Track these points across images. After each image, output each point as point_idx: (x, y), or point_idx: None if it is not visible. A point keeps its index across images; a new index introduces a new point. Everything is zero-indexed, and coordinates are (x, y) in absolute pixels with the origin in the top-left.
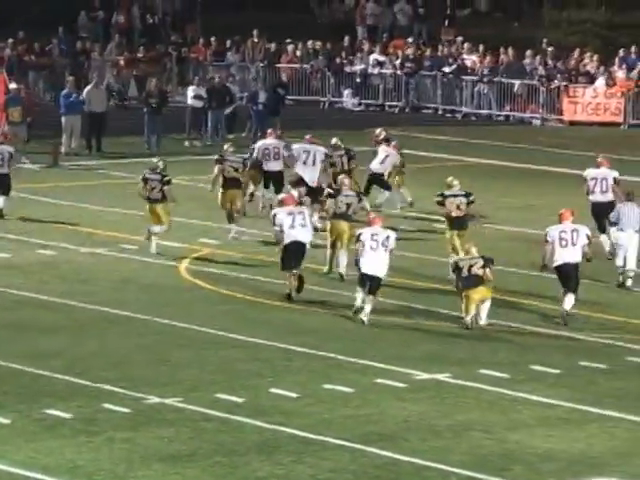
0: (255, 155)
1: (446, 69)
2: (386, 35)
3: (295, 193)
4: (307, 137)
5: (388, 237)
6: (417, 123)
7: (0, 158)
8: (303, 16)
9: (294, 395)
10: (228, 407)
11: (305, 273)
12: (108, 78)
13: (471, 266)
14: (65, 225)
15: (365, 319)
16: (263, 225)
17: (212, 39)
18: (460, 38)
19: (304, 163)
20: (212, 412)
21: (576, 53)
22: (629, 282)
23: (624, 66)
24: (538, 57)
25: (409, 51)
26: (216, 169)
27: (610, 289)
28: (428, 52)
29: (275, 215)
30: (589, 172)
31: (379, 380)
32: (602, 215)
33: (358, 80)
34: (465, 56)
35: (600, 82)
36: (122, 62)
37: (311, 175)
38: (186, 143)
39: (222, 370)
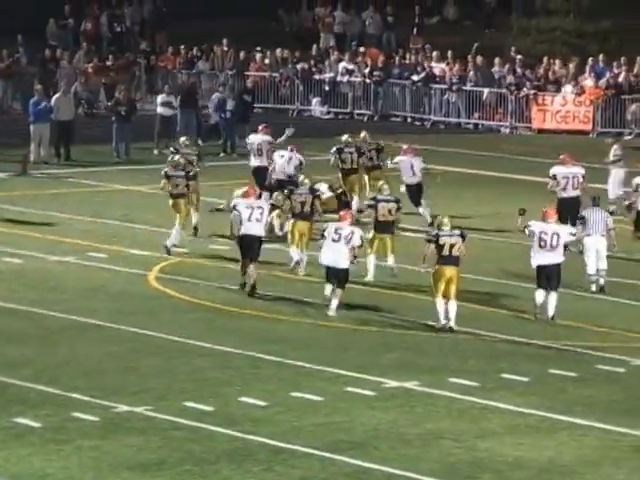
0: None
1: (415, 77)
2: (355, 43)
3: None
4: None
5: (352, 232)
6: (386, 131)
7: None
8: (272, 24)
9: (263, 403)
10: (197, 415)
11: (274, 280)
12: (76, 86)
13: (452, 245)
14: (34, 233)
15: (331, 314)
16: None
17: (181, 47)
18: (428, 46)
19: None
20: (181, 420)
21: (545, 61)
22: (601, 281)
23: (593, 74)
24: (507, 65)
25: (381, 59)
26: (162, 184)
27: (580, 297)
28: (397, 60)
29: (235, 205)
30: (559, 170)
31: (348, 388)
32: (571, 211)
33: (327, 88)
34: (434, 64)
35: (567, 89)
36: (90, 70)
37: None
38: (155, 151)
39: (191, 378)
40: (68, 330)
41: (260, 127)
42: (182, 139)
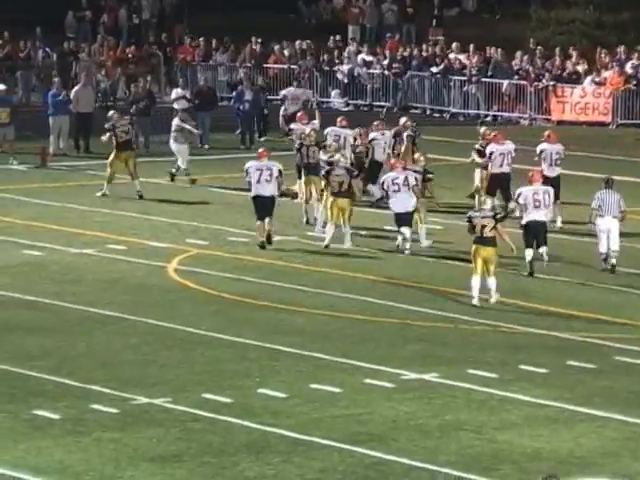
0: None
1: (434, 69)
2: (386, 36)
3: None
4: (339, 119)
5: (407, 177)
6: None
7: None
8: (290, 16)
9: (282, 395)
10: (216, 407)
11: (294, 271)
12: (97, 78)
13: (484, 227)
14: (53, 225)
15: (407, 252)
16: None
17: (200, 39)
18: (446, 38)
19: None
20: (200, 412)
21: (564, 53)
22: (613, 261)
23: (612, 65)
24: (526, 57)
25: (406, 51)
26: (107, 136)
27: (598, 289)
28: (416, 52)
29: (248, 168)
30: (495, 148)
31: (367, 380)
32: (502, 185)
33: (346, 80)
34: (452, 56)
35: (587, 81)
36: (109, 62)
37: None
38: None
39: (210, 370)
40: (87, 322)
41: (299, 115)
42: (110, 113)
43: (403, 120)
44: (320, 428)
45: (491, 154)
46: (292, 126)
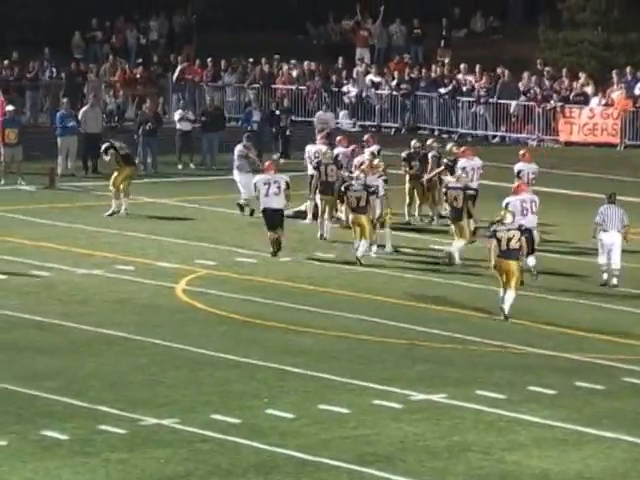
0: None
1: (442, 90)
2: (399, 57)
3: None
4: (338, 139)
5: (378, 186)
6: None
7: None
8: (299, 37)
9: (290, 416)
10: (224, 428)
11: (300, 292)
12: (105, 99)
13: (509, 239)
14: (61, 246)
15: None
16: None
17: (208, 60)
18: (454, 59)
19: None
20: (208, 433)
21: (572, 74)
22: (614, 280)
23: (621, 86)
24: (534, 77)
25: (412, 73)
26: (109, 155)
27: (605, 309)
28: (424, 73)
29: (255, 183)
30: (466, 164)
31: (375, 401)
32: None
33: (353, 100)
34: (460, 77)
35: (595, 102)
36: (118, 83)
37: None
38: (179, 166)
39: (218, 391)
40: (95, 343)
41: (319, 137)
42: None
43: (430, 141)
44: (328, 449)
45: (463, 169)
46: (307, 148)
